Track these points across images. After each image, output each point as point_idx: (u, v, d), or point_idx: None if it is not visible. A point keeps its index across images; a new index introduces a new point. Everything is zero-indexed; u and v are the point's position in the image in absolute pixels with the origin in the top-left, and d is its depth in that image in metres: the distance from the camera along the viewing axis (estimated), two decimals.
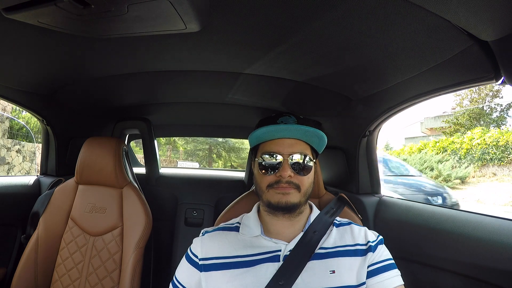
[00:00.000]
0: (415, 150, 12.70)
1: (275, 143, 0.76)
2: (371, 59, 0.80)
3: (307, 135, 0.76)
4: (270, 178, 0.73)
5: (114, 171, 1.22)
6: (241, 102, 1.37)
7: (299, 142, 0.76)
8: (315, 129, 0.75)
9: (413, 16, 0.59)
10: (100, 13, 0.54)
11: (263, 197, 0.74)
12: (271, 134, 0.77)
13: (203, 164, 14.81)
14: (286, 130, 0.75)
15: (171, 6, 0.52)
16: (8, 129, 6.40)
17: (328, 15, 0.63)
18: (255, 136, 0.79)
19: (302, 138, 0.77)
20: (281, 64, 0.91)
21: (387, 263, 0.71)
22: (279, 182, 0.71)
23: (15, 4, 0.50)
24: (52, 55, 0.87)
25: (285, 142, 0.75)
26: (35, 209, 1.24)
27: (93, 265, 1.14)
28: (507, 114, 15.71)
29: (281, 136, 0.76)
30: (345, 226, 0.79)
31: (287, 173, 0.71)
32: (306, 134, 0.76)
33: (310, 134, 0.76)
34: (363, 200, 1.24)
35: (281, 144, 0.75)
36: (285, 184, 0.71)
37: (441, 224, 0.93)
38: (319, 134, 0.76)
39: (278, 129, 0.75)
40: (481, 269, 0.79)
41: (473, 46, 0.63)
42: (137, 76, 1.06)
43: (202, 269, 0.72)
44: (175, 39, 0.76)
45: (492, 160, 10.11)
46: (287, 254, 0.70)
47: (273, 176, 0.73)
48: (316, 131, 0.75)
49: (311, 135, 0.76)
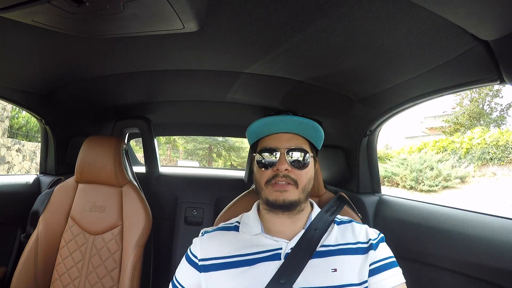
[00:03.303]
0: (415, 149, 12.69)
1: (272, 138, 0.76)
2: (372, 59, 0.79)
3: (303, 127, 0.76)
4: (268, 173, 0.72)
5: (114, 170, 1.22)
6: (241, 101, 1.37)
7: (297, 136, 0.76)
8: (310, 120, 0.75)
9: (414, 16, 0.59)
10: (95, 11, 0.53)
11: (262, 194, 0.74)
12: (268, 128, 0.77)
13: (203, 163, 14.80)
14: (282, 123, 0.75)
15: (168, 4, 0.51)
16: (8, 128, 6.40)
17: (328, 15, 0.62)
18: (252, 131, 0.79)
19: (299, 132, 0.77)
20: (281, 63, 0.91)
21: (389, 261, 0.71)
22: (276, 176, 0.71)
23: (10, 5, 0.50)
24: (50, 54, 0.87)
25: (282, 136, 0.75)
26: (35, 208, 1.24)
27: (93, 264, 1.14)
28: (507, 114, 15.72)
29: (278, 130, 0.76)
30: (346, 224, 0.78)
31: (284, 166, 0.70)
32: (301, 126, 0.76)
33: (306, 127, 0.76)
34: (363, 199, 1.24)
35: (279, 139, 0.75)
36: (282, 178, 0.70)
37: (441, 223, 0.93)
38: (315, 126, 0.76)
39: (273, 121, 0.75)
40: (481, 268, 0.79)
41: (475, 47, 0.63)
42: (137, 75, 1.06)
43: (202, 270, 0.71)
44: (174, 38, 0.76)
45: (492, 160, 10.10)
46: (288, 252, 0.70)
47: (270, 170, 0.72)
48: (312, 122, 0.75)
49: (307, 128, 0.76)
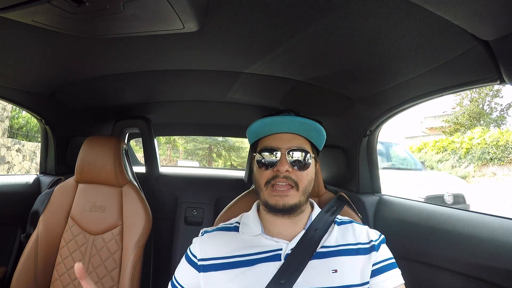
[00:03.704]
0: (415, 149, 12.69)
1: (273, 138, 0.74)
2: (372, 59, 0.79)
3: (304, 128, 0.74)
4: (268, 173, 0.71)
5: (114, 170, 1.22)
6: (241, 101, 1.37)
7: (298, 137, 0.75)
8: (312, 121, 0.73)
9: (414, 16, 0.58)
10: (95, 11, 0.53)
11: (261, 195, 0.73)
12: (268, 128, 0.75)
13: (203, 163, 14.80)
14: (283, 123, 0.73)
15: (168, 4, 0.51)
16: (8, 128, 6.40)
17: (328, 15, 0.62)
18: (253, 131, 0.78)
19: (300, 133, 0.75)
20: (281, 63, 0.91)
21: (389, 263, 0.71)
22: (277, 177, 0.69)
23: (10, 5, 0.50)
24: (50, 54, 0.87)
25: (283, 137, 0.73)
26: (35, 208, 1.24)
27: (93, 264, 1.14)
28: (507, 114, 15.71)
29: (279, 130, 0.75)
30: (346, 225, 0.78)
31: (285, 167, 0.68)
32: (303, 127, 0.74)
33: (307, 128, 0.74)
34: (363, 199, 1.24)
35: (279, 139, 0.73)
36: (283, 179, 0.69)
37: (441, 223, 0.93)
38: (317, 127, 0.74)
39: (274, 121, 0.73)
40: (481, 268, 0.79)
41: (475, 47, 0.63)
42: (137, 75, 1.06)
43: (201, 270, 0.71)
44: (174, 38, 0.76)
45: (492, 160, 10.10)
46: (288, 253, 0.69)
47: (270, 171, 0.71)
48: (314, 123, 0.73)
49: (309, 128, 0.74)
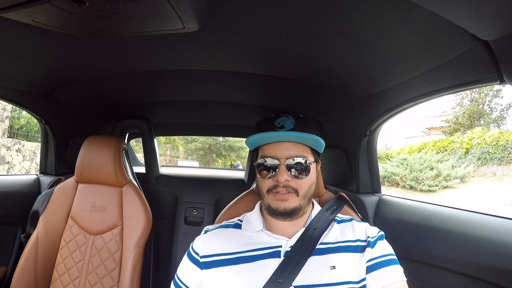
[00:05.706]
0: (415, 149, 12.69)
1: (272, 147, 0.75)
2: (372, 59, 0.79)
3: (301, 139, 0.74)
4: (269, 182, 0.73)
5: (114, 170, 1.22)
6: (241, 101, 1.37)
7: (297, 144, 0.74)
8: (308, 134, 0.73)
9: (414, 16, 0.58)
10: (95, 11, 0.53)
11: (264, 200, 0.75)
12: (266, 140, 0.76)
13: (203, 163, 14.80)
14: (279, 137, 0.74)
15: (168, 4, 0.51)
16: (8, 128, 6.40)
17: (328, 15, 0.62)
18: (251, 142, 0.78)
19: (298, 141, 0.75)
20: (281, 63, 0.91)
21: (387, 259, 0.70)
22: (277, 186, 0.71)
23: (10, 5, 0.50)
24: (50, 54, 0.87)
25: (281, 145, 0.74)
26: (35, 208, 1.24)
27: (93, 264, 1.14)
28: (507, 114, 15.72)
29: (277, 140, 0.75)
30: (346, 223, 0.79)
31: (284, 177, 0.70)
32: (299, 139, 0.74)
33: (303, 139, 0.74)
34: (363, 199, 1.24)
35: (278, 148, 0.73)
36: (283, 188, 0.71)
37: (441, 223, 0.93)
38: (314, 138, 0.74)
39: (271, 136, 0.74)
40: (481, 268, 0.79)
41: (476, 47, 0.63)
42: (137, 75, 1.06)
43: (203, 267, 0.72)
44: (174, 38, 0.76)
45: (492, 160, 10.11)
46: (288, 250, 0.71)
47: (271, 180, 0.72)
48: (310, 136, 0.73)
49: (306, 140, 0.74)
